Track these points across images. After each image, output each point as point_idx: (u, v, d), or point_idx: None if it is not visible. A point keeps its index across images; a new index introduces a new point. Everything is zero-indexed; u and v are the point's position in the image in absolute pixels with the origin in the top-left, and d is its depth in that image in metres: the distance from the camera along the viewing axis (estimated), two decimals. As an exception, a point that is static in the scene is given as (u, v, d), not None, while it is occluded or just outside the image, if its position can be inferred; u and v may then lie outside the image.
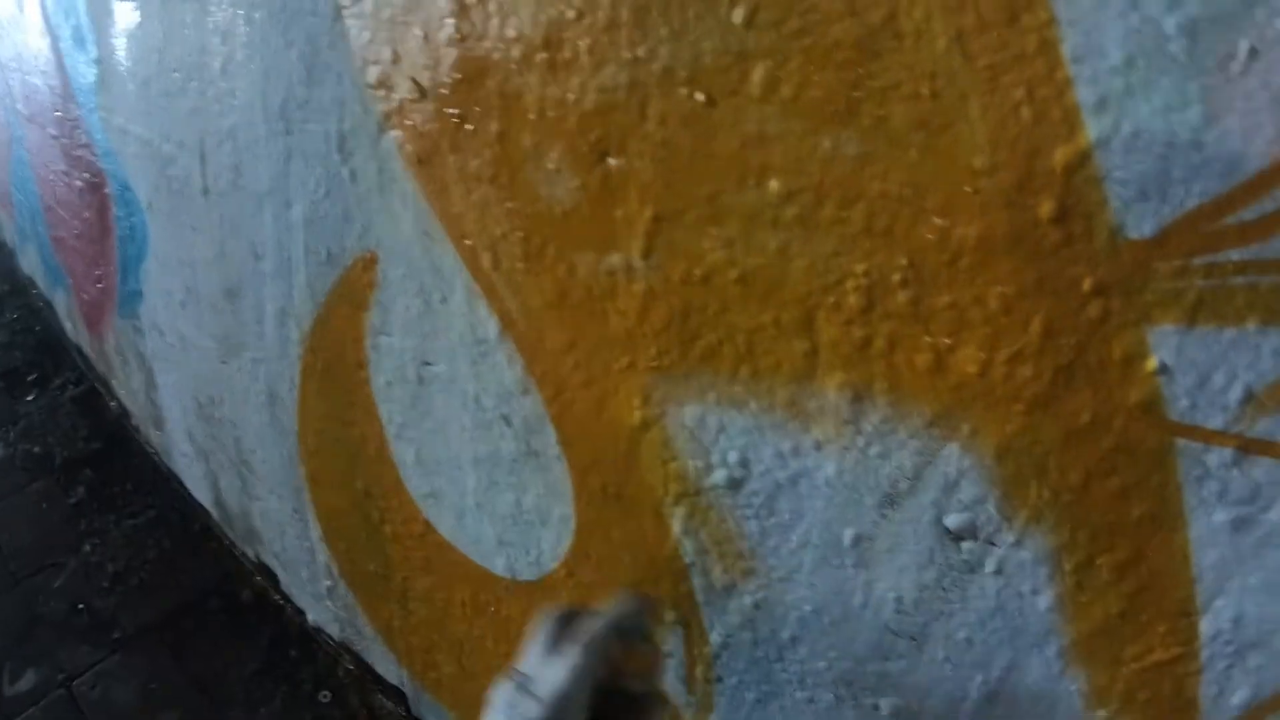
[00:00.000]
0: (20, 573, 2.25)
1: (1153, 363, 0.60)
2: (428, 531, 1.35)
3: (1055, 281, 0.61)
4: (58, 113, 2.13)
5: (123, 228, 2.01)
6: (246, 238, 1.46)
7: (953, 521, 0.74)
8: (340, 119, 1.12)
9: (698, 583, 0.96)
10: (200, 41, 1.36)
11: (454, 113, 0.95)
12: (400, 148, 1.04)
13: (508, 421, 1.09)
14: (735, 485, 0.87)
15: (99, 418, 2.81)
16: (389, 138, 1.05)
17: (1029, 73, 0.58)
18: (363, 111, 1.08)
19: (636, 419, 0.92)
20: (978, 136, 0.61)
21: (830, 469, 0.80)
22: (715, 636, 0.98)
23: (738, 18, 0.69)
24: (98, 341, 2.62)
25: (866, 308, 0.71)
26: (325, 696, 1.95)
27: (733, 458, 0.86)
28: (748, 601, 0.93)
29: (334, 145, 1.15)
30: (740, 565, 0.91)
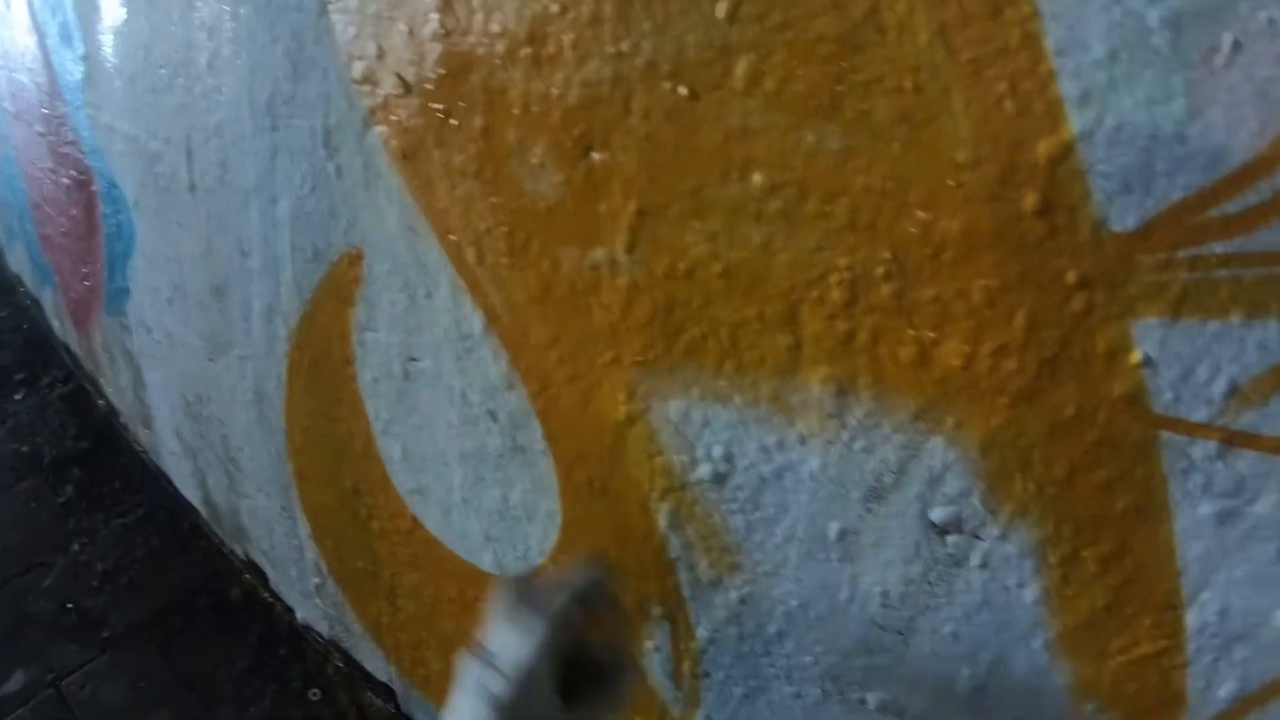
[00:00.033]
0: (8, 572, 2.24)
1: (1137, 356, 0.60)
2: (415, 527, 1.35)
3: (1039, 275, 0.61)
4: (45, 110, 2.11)
5: (110, 225, 2.00)
6: (233, 234, 1.45)
7: (938, 515, 0.74)
8: (326, 114, 1.12)
9: (684, 577, 0.96)
10: (187, 37, 1.35)
11: (438, 108, 0.94)
12: (385, 143, 1.04)
13: (493, 417, 1.08)
14: (720, 480, 0.87)
15: (87, 416, 2.79)
16: (374, 133, 1.05)
17: (1012, 66, 0.57)
18: (348, 107, 1.07)
19: (621, 414, 0.92)
20: (961, 130, 0.61)
21: (815, 463, 0.80)
22: (702, 631, 0.98)
23: (721, 12, 0.69)
24: (85, 339, 2.61)
25: (850, 302, 0.71)
26: (315, 694, 1.94)
27: (717, 452, 0.86)
28: (734, 596, 0.93)
29: (320, 141, 1.15)
30: (726, 560, 0.91)
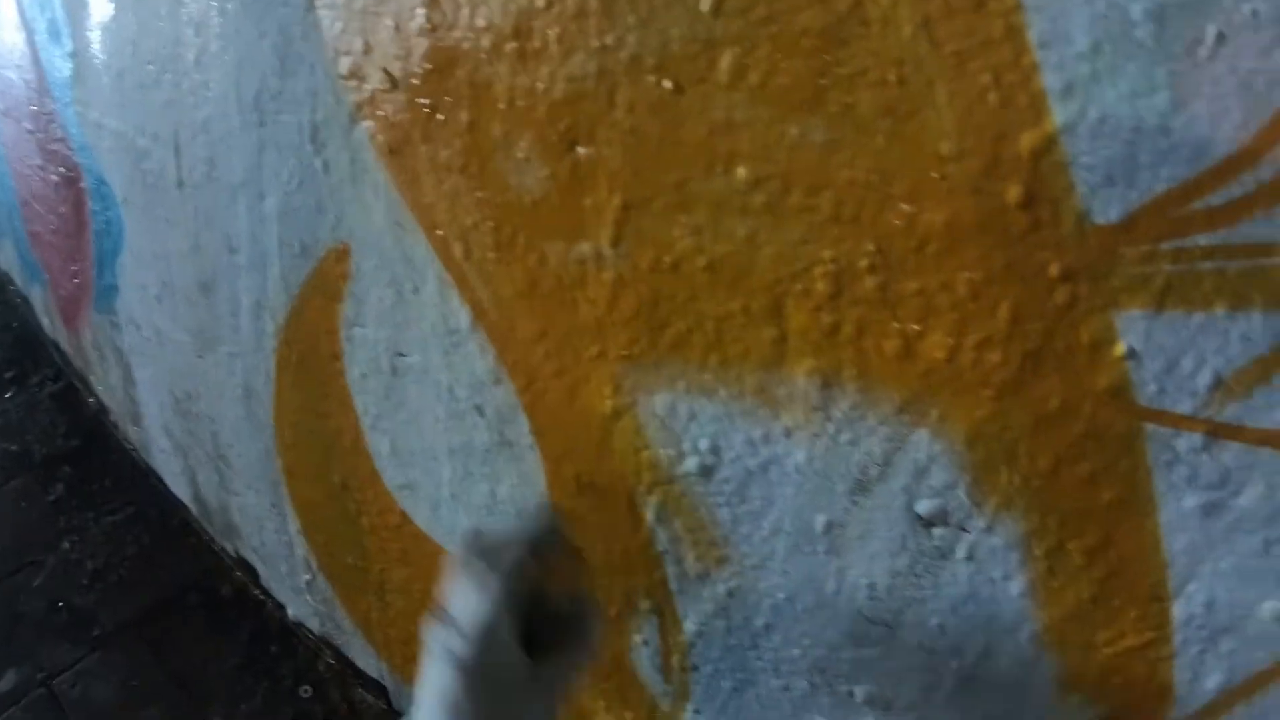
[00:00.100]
0: (-1, 571, 2.24)
1: (1121, 348, 0.60)
2: (404, 523, 1.34)
3: (1023, 267, 0.61)
4: (33, 107, 2.10)
5: (98, 222, 2.00)
6: (221, 230, 1.45)
7: (924, 508, 0.74)
8: (313, 110, 1.11)
9: (671, 571, 0.96)
10: (174, 33, 1.35)
11: (425, 103, 0.94)
12: (372, 138, 1.04)
13: (481, 412, 1.08)
14: (707, 473, 0.87)
15: (77, 414, 2.78)
16: (361, 128, 1.05)
17: (995, 59, 0.57)
18: (335, 102, 1.07)
19: (608, 408, 0.92)
20: (944, 122, 0.61)
21: (800, 456, 0.80)
22: (689, 625, 0.98)
23: (705, 5, 0.69)
24: (75, 337, 2.60)
25: (834, 294, 0.71)
26: (306, 691, 1.94)
27: (704, 445, 0.86)
28: (721, 589, 0.93)
29: (307, 136, 1.14)
30: (713, 553, 0.91)
